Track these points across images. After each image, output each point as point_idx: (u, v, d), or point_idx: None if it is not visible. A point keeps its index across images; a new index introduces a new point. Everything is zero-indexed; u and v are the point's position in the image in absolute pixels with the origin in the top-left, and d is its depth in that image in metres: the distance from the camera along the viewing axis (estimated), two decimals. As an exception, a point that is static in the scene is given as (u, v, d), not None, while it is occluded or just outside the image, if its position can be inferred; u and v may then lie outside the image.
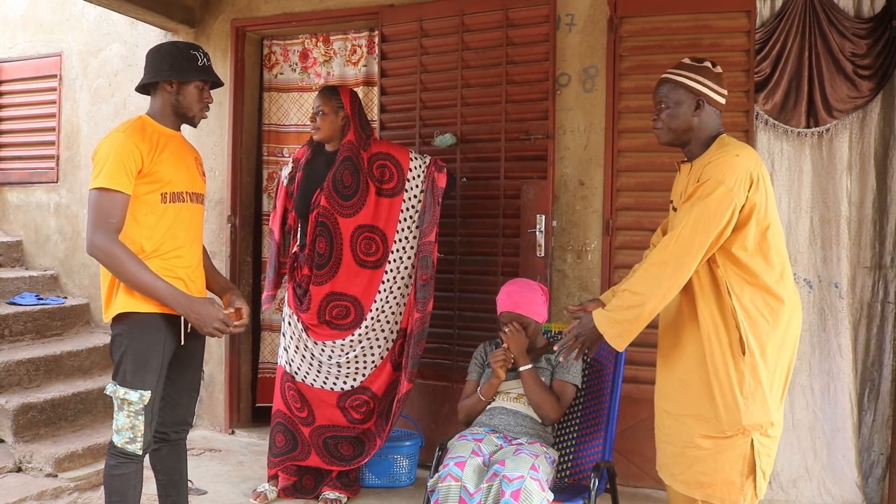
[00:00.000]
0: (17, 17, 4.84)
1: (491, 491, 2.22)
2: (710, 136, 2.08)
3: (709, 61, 2.09)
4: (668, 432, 2.13)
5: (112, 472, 2.24)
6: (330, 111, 3.06)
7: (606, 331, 2.00)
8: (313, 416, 3.12)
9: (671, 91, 2.07)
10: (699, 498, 2.04)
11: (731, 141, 2.06)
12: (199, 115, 2.40)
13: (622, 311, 1.98)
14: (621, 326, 1.98)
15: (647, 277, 1.97)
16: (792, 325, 2.03)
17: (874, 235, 3.18)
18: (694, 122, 2.06)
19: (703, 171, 1.97)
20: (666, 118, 2.08)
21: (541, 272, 3.28)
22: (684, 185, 2.11)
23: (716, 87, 2.06)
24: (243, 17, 4.08)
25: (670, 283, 1.95)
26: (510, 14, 3.41)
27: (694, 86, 2.04)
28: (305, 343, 3.09)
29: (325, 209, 3.02)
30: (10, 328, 3.97)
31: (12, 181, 4.88)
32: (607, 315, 2.01)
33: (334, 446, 3.11)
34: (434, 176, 3.08)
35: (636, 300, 1.96)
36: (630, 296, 1.97)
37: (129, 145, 2.18)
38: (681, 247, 1.93)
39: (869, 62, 3.09)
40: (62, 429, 3.62)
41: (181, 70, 2.30)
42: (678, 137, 2.10)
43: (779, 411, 2.01)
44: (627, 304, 1.98)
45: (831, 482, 3.14)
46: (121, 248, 2.14)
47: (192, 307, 2.21)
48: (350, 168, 3.03)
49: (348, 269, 3.05)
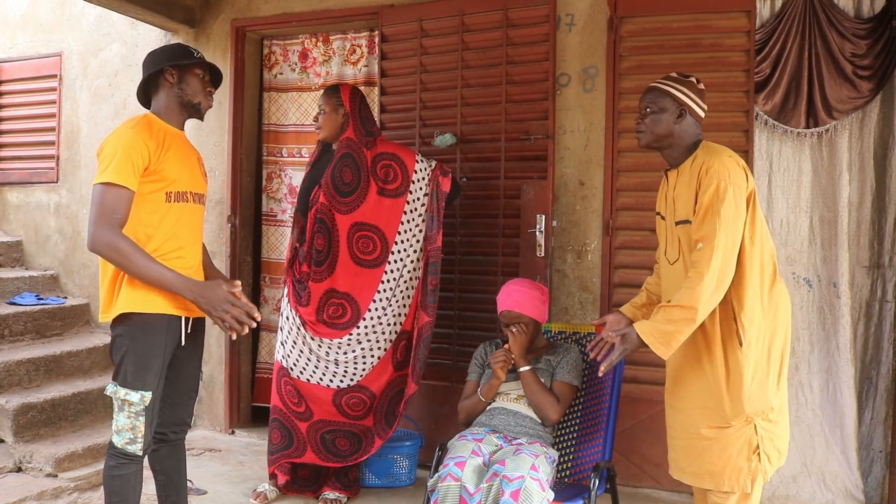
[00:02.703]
0: (17, 17, 4.84)
1: (491, 491, 2.22)
2: (690, 143, 2.20)
3: (694, 77, 2.23)
4: (676, 427, 2.21)
5: (112, 473, 2.24)
6: (330, 109, 3.07)
7: (654, 343, 2.03)
8: (310, 411, 3.11)
9: (658, 98, 2.20)
10: (709, 487, 2.12)
11: (712, 144, 2.20)
12: (206, 103, 2.40)
13: (675, 324, 2.02)
14: (674, 338, 2.02)
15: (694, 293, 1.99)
16: (780, 311, 2.11)
17: (873, 235, 3.18)
18: (675, 129, 2.19)
19: (705, 178, 2.05)
20: (650, 122, 2.21)
21: (541, 272, 3.28)
22: (672, 192, 2.21)
23: (698, 101, 2.20)
24: (243, 17, 4.08)
25: (719, 292, 2.01)
26: (510, 14, 3.41)
27: (679, 96, 2.18)
28: (304, 338, 3.09)
29: (323, 206, 3.02)
30: (10, 328, 3.97)
31: (12, 181, 4.88)
32: (655, 326, 2.04)
33: (331, 441, 3.11)
34: (439, 180, 3.08)
35: (687, 314, 2.00)
36: (680, 311, 2.00)
37: (138, 141, 2.18)
38: (720, 255, 1.99)
39: (869, 62, 3.09)
40: (62, 429, 3.62)
41: (179, 58, 2.32)
42: (658, 141, 2.22)
43: (777, 396, 2.10)
44: (680, 317, 2.01)
45: (831, 479, 3.15)
46: (125, 241, 2.13)
47: (201, 292, 2.19)
48: (350, 165, 3.03)
49: (346, 266, 3.05)
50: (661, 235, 2.30)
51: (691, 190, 2.10)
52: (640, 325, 2.06)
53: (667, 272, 2.26)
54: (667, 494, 3.26)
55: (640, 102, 2.25)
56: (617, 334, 2.10)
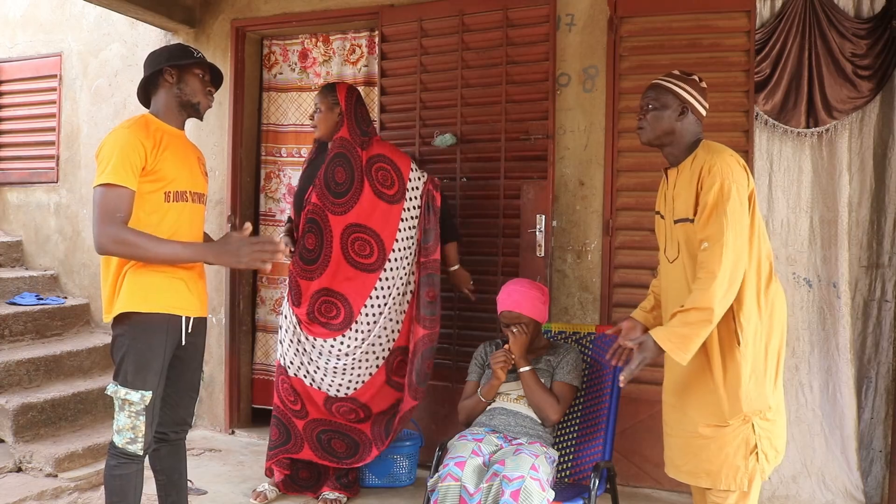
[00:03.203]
0: (17, 17, 4.84)
1: (491, 491, 2.22)
2: (691, 142, 2.20)
3: (697, 76, 2.22)
4: (673, 425, 2.21)
5: (113, 473, 2.24)
6: (326, 108, 3.06)
7: (672, 348, 2.00)
8: (306, 409, 3.12)
9: (660, 95, 2.20)
10: (706, 486, 2.12)
11: (713, 143, 2.19)
12: (205, 103, 2.40)
13: (691, 327, 2.00)
14: (692, 341, 1.99)
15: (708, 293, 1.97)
16: (776, 311, 2.11)
17: (872, 235, 3.18)
18: (676, 126, 2.18)
19: (707, 177, 2.04)
20: (651, 119, 2.21)
21: (541, 272, 3.28)
22: (672, 190, 2.21)
23: (700, 99, 2.20)
24: (243, 17, 4.08)
25: (733, 290, 1.99)
26: (510, 14, 3.41)
27: (682, 93, 2.17)
28: (299, 337, 3.08)
29: (316, 206, 3.00)
30: (10, 328, 3.97)
31: (12, 181, 4.88)
32: (672, 331, 2.01)
33: (327, 441, 3.11)
34: (433, 194, 3.08)
35: (703, 315, 1.98)
36: (697, 313, 1.98)
37: (134, 141, 2.18)
38: (730, 252, 1.97)
39: (869, 62, 3.09)
40: (62, 429, 3.62)
41: (178, 58, 2.32)
42: (658, 138, 2.21)
43: (775, 395, 2.09)
44: (697, 319, 1.99)
45: (830, 479, 3.15)
46: (130, 232, 2.14)
47: (218, 250, 2.23)
48: (343, 165, 3.01)
49: (339, 267, 3.02)
50: (661, 234, 2.30)
51: (691, 188, 2.09)
52: (657, 332, 2.04)
53: (666, 271, 2.25)
54: (667, 494, 3.26)
55: (642, 99, 2.24)
56: (634, 342, 2.08)
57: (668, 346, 2.00)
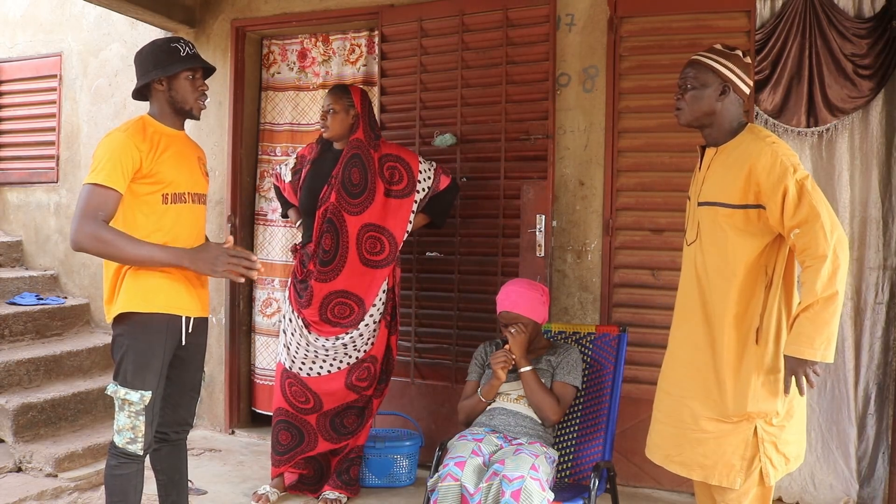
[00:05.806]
0: (17, 17, 4.84)
1: (491, 491, 2.22)
2: (733, 124, 2.09)
3: (740, 50, 2.09)
4: (668, 412, 2.16)
5: (113, 472, 2.25)
6: (341, 109, 3.08)
7: (814, 354, 1.89)
8: (321, 402, 3.12)
9: (699, 73, 2.07)
10: (697, 478, 2.08)
11: (761, 128, 2.09)
12: (197, 106, 2.38)
13: (826, 322, 1.89)
14: (832, 335, 1.90)
15: (824, 276, 1.87)
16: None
17: (878, 236, 3.17)
18: (717, 106, 2.07)
19: (774, 167, 1.94)
20: (690, 99, 2.09)
21: (541, 272, 3.28)
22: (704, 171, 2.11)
23: (743, 77, 2.07)
24: (243, 17, 4.08)
25: (845, 261, 1.90)
26: (510, 14, 3.41)
27: (723, 71, 2.06)
28: (307, 339, 3.09)
29: (334, 206, 3.02)
30: (10, 328, 3.97)
31: (12, 181, 4.88)
32: (809, 339, 1.89)
33: (340, 423, 3.14)
34: (440, 177, 3.15)
35: (832, 303, 1.87)
36: (824, 303, 1.88)
37: (129, 145, 2.18)
38: (829, 226, 1.88)
39: (869, 62, 3.09)
40: (62, 429, 3.62)
41: (165, 65, 2.28)
42: (698, 119, 2.10)
43: (786, 401, 2.01)
44: (825, 308, 1.88)
45: (833, 480, 3.15)
46: (109, 231, 2.12)
47: (194, 257, 2.20)
48: (358, 166, 3.04)
49: (354, 267, 3.04)
50: (686, 217, 2.21)
51: (737, 174, 1.99)
52: (791, 349, 1.91)
53: (685, 253, 2.19)
54: (667, 494, 3.26)
55: (681, 77, 2.11)
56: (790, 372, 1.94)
57: (818, 356, 1.88)
